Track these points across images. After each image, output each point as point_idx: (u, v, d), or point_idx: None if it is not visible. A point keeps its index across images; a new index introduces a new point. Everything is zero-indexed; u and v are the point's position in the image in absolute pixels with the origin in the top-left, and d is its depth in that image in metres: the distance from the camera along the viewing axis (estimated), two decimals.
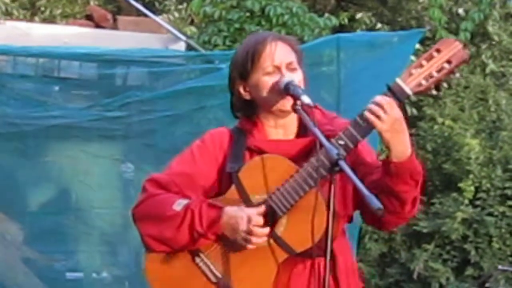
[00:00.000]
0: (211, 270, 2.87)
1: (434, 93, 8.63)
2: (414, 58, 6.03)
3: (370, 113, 2.68)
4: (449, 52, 2.71)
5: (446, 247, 8.13)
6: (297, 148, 2.89)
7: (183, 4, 10.31)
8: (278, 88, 2.86)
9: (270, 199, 2.81)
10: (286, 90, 2.83)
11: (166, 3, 10.74)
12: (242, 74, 2.94)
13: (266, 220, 2.79)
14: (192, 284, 2.89)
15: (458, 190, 8.10)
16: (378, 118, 2.67)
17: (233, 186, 2.87)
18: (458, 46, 2.71)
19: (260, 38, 2.95)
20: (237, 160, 2.90)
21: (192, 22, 9.94)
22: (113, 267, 5.66)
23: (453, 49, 2.71)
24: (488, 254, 7.96)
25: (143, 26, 7.24)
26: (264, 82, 2.89)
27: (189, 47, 6.70)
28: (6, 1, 10.00)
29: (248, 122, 2.97)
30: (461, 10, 9.45)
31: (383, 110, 2.67)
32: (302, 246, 2.80)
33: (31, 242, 5.50)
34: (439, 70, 2.72)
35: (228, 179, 2.90)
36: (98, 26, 7.60)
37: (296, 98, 2.80)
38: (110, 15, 7.88)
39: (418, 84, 2.72)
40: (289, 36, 3.09)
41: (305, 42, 6.96)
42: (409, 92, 2.72)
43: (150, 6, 9.83)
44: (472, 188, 8.05)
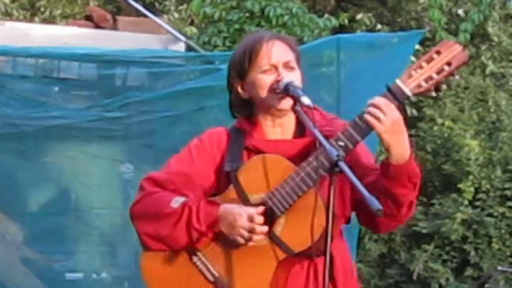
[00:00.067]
0: (209, 269, 2.86)
1: (433, 94, 8.62)
2: (414, 59, 6.03)
3: (369, 115, 2.68)
4: (449, 54, 2.71)
5: (446, 248, 8.14)
6: (295, 148, 2.88)
7: (183, 4, 10.32)
8: (278, 88, 2.85)
9: (268, 199, 2.80)
10: (286, 91, 2.83)
11: (166, 4, 10.74)
12: (240, 73, 2.94)
13: (265, 219, 2.78)
14: (189, 283, 2.87)
15: (458, 191, 8.11)
16: (378, 120, 2.67)
17: (231, 186, 2.86)
18: (458, 49, 2.71)
19: (257, 37, 2.95)
20: (235, 159, 2.90)
21: (192, 23, 9.94)
22: (112, 268, 5.65)
23: (453, 51, 2.71)
24: (487, 255, 7.96)
25: (143, 27, 7.23)
26: (260, 80, 2.89)
27: (189, 48, 6.69)
28: (6, 1, 10.00)
29: (246, 122, 2.97)
30: (461, 11, 9.45)
31: (382, 112, 2.66)
32: (300, 246, 2.79)
33: (31, 242, 5.49)
34: (439, 72, 2.72)
35: (226, 179, 2.89)
36: (97, 26, 7.59)
37: (296, 99, 2.80)
38: (109, 16, 7.87)
39: (418, 85, 2.73)
40: (287, 35, 3.08)
41: (305, 42, 6.96)
42: (408, 93, 2.72)
43: (150, 6, 9.83)
44: (471, 189, 8.05)
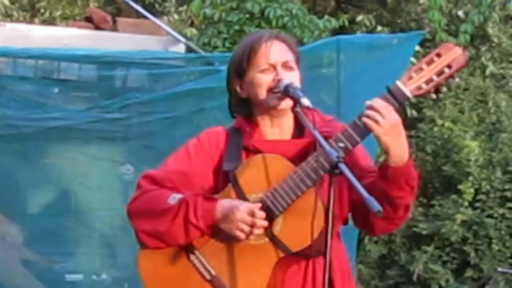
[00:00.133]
0: (206, 268, 2.84)
1: (433, 96, 8.63)
2: (414, 60, 6.03)
3: (367, 117, 2.68)
4: (449, 56, 2.72)
5: (446, 249, 8.14)
6: (294, 148, 2.88)
7: (183, 6, 10.32)
8: (277, 88, 2.85)
9: (267, 198, 2.79)
10: (286, 92, 2.83)
11: (166, 5, 10.74)
12: (239, 72, 2.94)
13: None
14: (186, 281, 2.86)
15: (458, 192, 8.11)
16: (376, 122, 2.67)
17: (229, 185, 2.85)
18: (458, 51, 2.72)
19: (257, 37, 2.96)
20: (233, 159, 2.89)
21: (192, 24, 9.94)
22: (112, 269, 5.65)
23: (453, 54, 2.72)
24: (487, 256, 7.96)
25: (143, 28, 7.21)
26: (258, 79, 2.88)
27: (188, 49, 6.68)
28: (6, 3, 10.00)
29: (244, 122, 2.96)
30: (460, 12, 9.46)
31: (381, 114, 2.67)
32: (298, 246, 2.79)
33: (31, 243, 5.49)
34: (439, 74, 2.72)
35: (224, 178, 2.88)
36: (97, 28, 7.58)
37: (296, 100, 2.80)
38: (109, 17, 7.86)
39: (418, 87, 2.73)
40: (287, 35, 3.06)
41: (305, 44, 6.96)
42: (409, 95, 2.73)
43: (150, 8, 9.83)
44: (471, 190, 8.06)
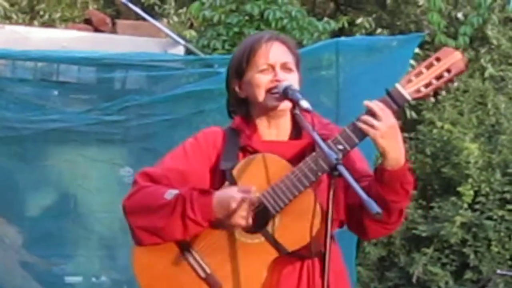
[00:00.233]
0: (201, 265, 2.84)
1: (432, 100, 8.64)
2: (413, 62, 6.03)
3: (363, 122, 2.70)
4: (449, 61, 2.73)
5: (445, 251, 8.14)
6: (291, 150, 2.88)
7: (183, 8, 10.32)
8: (276, 90, 2.86)
9: (263, 197, 2.79)
10: (285, 94, 2.83)
11: (165, 7, 10.74)
12: (238, 72, 2.95)
13: (259, 218, 2.78)
14: (180, 279, 2.86)
15: (457, 194, 8.11)
16: (371, 126, 2.68)
17: (226, 184, 2.85)
18: (457, 56, 2.74)
19: (257, 37, 2.97)
20: (230, 159, 2.89)
21: (191, 26, 9.95)
22: (112, 271, 5.64)
23: (453, 58, 2.74)
24: (487, 258, 7.96)
25: (142, 30, 7.21)
26: (257, 79, 2.89)
27: (188, 51, 6.68)
28: (5, 5, 10.01)
29: (242, 122, 2.97)
30: (460, 14, 9.46)
31: (378, 117, 2.68)
32: (295, 245, 2.79)
33: (30, 245, 5.48)
34: (438, 78, 2.74)
35: (221, 178, 2.89)
36: (97, 30, 7.57)
37: (295, 102, 2.80)
38: (109, 19, 7.86)
39: (417, 90, 2.74)
40: (287, 37, 3.07)
41: (304, 46, 6.97)
42: (408, 97, 2.74)
43: (149, 10, 9.83)
44: (471, 192, 8.05)
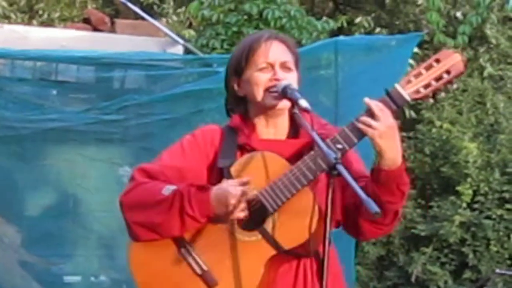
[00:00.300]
0: (197, 262, 2.83)
1: (431, 100, 8.64)
2: (412, 61, 6.03)
3: (361, 122, 2.70)
4: (448, 62, 2.75)
5: (444, 250, 8.14)
6: (289, 149, 2.88)
7: (181, 7, 10.31)
8: (275, 89, 2.86)
9: (261, 195, 2.79)
10: (284, 94, 2.83)
11: (164, 7, 10.73)
12: (237, 70, 2.95)
13: (256, 215, 2.78)
14: (176, 275, 2.85)
15: (456, 193, 8.11)
16: (370, 126, 2.68)
17: (223, 181, 2.84)
18: (457, 58, 2.75)
19: (256, 36, 2.97)
20: (228, 156, 2.89)
21: (190, 26, 9.95)
22: (111, 271, 5.64)
23: (452, 60, 2.75)
24: (486, 257, 7.96)
25: (141, 30, 7.21)
26: (256, 77, 2.89)
27: (187, 51, 6.68)
28: (4, 4, 10.01)
29: (239, 120, 2.97)
30: (459, 14, 9.46)
31: (376, 117, 2.68)
32: (291, 243, 2.78)
33: (29, 245, 5.48)
34: (438, 79, 2.75)
35: (218, 175, 2.88)
36: (95, 29, 7.58)
37: (293, 102, 2.80)
38: (107, 19, 7.86)
39: (417, 91, 2.76)
40: (287, 36, 3.07)
41: (303, 45, 6.97)
42: (407, 98, 2.75)
43: (148, 9, 9.83)
44: (470, 191, 8.05)
